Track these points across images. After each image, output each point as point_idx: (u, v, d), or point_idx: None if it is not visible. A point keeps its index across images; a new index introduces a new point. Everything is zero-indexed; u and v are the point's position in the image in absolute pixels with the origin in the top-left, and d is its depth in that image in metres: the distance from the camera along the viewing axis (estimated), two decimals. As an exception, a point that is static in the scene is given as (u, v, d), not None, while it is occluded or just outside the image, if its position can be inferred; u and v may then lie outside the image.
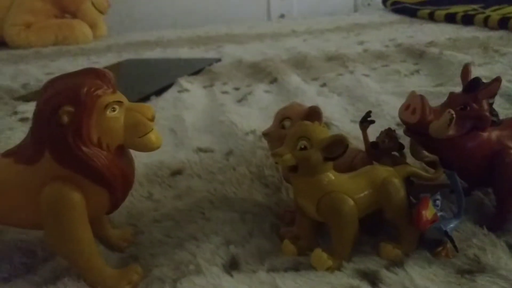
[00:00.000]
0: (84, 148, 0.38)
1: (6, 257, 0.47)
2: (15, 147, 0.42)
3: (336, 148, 0.40)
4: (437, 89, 0.93)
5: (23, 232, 0.50)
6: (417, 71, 1.14)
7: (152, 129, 0.40)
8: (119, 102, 0.40)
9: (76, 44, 2.14)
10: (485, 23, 1.72)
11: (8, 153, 0.42)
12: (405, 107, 0.46)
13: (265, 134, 0.50)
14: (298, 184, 0.43)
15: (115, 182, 0.40)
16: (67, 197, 0.39)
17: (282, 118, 0.49)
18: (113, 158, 0.40)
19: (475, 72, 0.46)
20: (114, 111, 0.39)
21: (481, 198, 0.51)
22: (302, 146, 0.40)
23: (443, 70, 1.10)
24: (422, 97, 0.45)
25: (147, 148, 0.40)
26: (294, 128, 0.42)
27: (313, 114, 0.46)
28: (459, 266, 0.41)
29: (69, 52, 1.88)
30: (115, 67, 1.45)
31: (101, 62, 1.56)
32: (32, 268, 0.45)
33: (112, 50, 1.88)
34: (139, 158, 0.66)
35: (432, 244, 0.43)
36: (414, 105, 0.45)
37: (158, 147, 0.41)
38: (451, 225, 0.43)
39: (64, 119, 0.37)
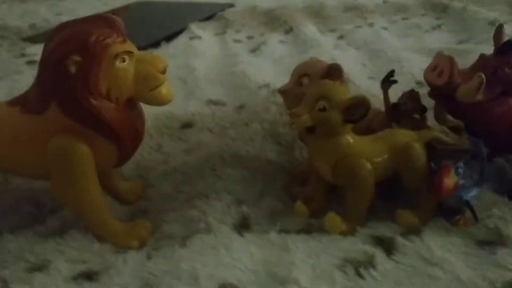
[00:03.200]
0: (92, 100, 0.36)
1: (14, 207, 0.46)
2: (22, 95, 0.41)
3: (357, 110, 0.38)
4: (460, 46, 0.88)
5: (30, 182, 0.49)
6: (439, 26, 1.09)
7: (164, 82, 0.38)
8: (129, 53, 0.37)
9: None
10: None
11: (14, 102, 0.41)
12: (432, 68, 0.44)
13: (282, 92, 0.47)
14: (314, 146, 0.41)
15: (124, 136, 0.38)
16: (74, 150, 0.38)
17: (300, 75, 0.46)
18: (122, 111, 0.38)
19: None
20: (124, 61, 0.37)
21: (503, 164, 0.49)
22: (321, 107, 0.38)
23: (467, 26, 1.05)
24: (451, 59, 0.42)
25: (158, 102, 0.39)
26: (314, 87, 0.39)
27: (334, 72, 0.44)
28: (479, 237, 0.40)
29: (78, -8, 1.83)
30: (124, 10, 1.41)
31: (110, 3, 1.51)
32: (39, 218, 0.44)
33: (121, -9, 1.82)
34: (149, 109, 0.64)
35: (450, 212, 0.42)
36: (442, 67, 0.42)
37: (169, 102, 0.39)
38: (472, 194, 0.41)
39: (72, 69, 0.35)
